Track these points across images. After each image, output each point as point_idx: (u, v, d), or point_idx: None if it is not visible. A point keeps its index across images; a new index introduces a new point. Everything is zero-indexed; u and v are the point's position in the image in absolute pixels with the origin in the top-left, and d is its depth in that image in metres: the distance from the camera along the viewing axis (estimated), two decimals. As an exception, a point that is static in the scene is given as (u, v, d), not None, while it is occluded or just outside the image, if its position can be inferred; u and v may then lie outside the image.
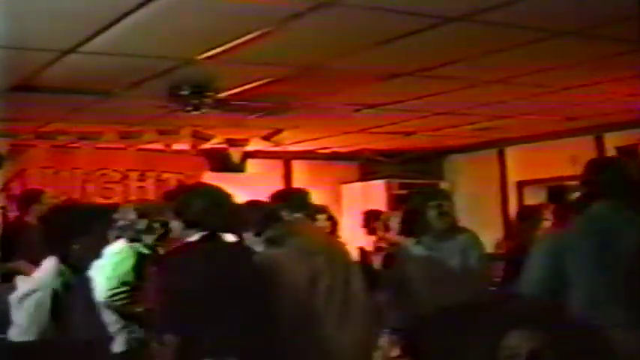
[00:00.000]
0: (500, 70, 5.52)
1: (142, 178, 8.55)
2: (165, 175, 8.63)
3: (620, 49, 4.96)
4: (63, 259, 3.70)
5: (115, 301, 4.45)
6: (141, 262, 4.59)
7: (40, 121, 7.19)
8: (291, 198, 4.72)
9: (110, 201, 8.08)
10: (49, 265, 3.72)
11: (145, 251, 4.63)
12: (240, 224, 3.94)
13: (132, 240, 4.67)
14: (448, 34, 4.38)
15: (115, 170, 8.41)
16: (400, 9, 3.97)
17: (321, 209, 6.00)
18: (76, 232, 3.74)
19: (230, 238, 3.93)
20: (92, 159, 8.25)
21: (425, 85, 5.87)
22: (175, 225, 3.72)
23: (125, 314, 4.47)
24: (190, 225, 3.63)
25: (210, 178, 8.71)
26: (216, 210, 3.66)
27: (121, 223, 4.64)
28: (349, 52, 4.82)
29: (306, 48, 4.74)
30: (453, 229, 4.91)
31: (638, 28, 4.27)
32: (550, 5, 4.01)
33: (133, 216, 4.70)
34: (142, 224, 4.69)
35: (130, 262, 4.59)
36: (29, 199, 6.48)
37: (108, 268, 4.47)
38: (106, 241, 4.30)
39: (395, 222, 6.58)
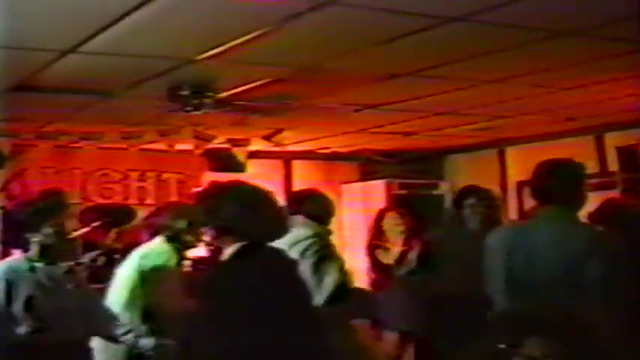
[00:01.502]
0: (500, 70, 5.52)
1: (142, 178, 8.55)
2: (165, 175, 8.63)
3: (620, 49, 4.96)
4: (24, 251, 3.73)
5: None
6: (179, 263, 4.75)
7: (40, 121, 7.19)
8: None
9: (110, 201, 8.10)
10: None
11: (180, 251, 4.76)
12: (282, 231, 3.46)
13: (169, 239, 4.76)
14: (448, 34, 4.38)
15: (115, 170, 8.41)
16: (400, 9, 3.97)
17: None
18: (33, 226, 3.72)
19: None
20: (92, 159, 8.24)
21: (425, 85, 5.87)
22: (207, 231, 3.28)
23: (150, 313, 4.47)
24: (224, 232, 3.18)
25: (210, 178, 8.74)
26: (253, 215, 3.19)
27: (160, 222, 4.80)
28: (349, 52, 4.82)
29: (306, 48, 4.74)
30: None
31: (638, 28, 4.27)
32: (550, 5, 4.00)
33: (173, 217, 4.83)
34: (182, 224, 4.79)
35: (173, 262, 4.66)
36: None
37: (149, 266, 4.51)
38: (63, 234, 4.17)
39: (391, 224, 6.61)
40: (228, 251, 3.17)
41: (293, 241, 4.31)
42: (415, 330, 5.99)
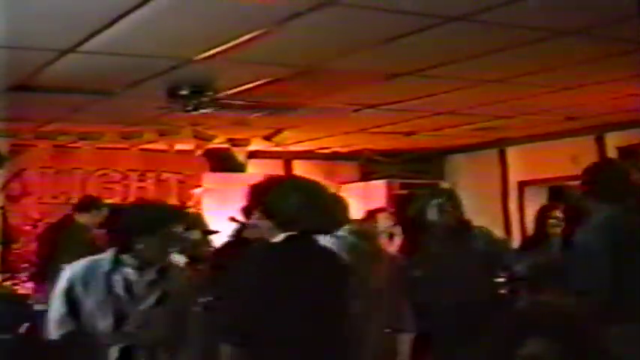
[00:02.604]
0: (500, 70, 5.52)
1: (142, 178, 8.56)
2: (165, 175, 8.64)
3: (620, 49, 4.96)
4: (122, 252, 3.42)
5: None
6: None
7: (40, 121, 7.19)
8: None
9: (110, 201, 8.09)
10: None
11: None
12: (335, 224, 3.59)
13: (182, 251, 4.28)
14: (448, 34, 4.38)
15: (115, 170, 8.41)
16: (400, 9, 3.97)
17: None
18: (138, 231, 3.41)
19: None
20: (92, 159, 8.25)
21: (425, 85, 5.87)
22: (265, 225, 3.19)
23: None
24: (284, 225, 3.14)
25: (210, 178, 8.75)
26: (313, 208, 3.16)
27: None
28: (349, 52, 4.82)
29: (306, 48, 4.74)
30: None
31: (638, 28, 4.27)
32: (550, 5, 4.00)
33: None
34: (196, 234, 4.54)
35: None
36: (91, 204, 6.67)
37: None
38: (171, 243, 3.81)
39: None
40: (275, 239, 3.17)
41: None
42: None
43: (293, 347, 3.03)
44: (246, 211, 4.13)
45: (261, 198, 3.26)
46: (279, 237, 3.14)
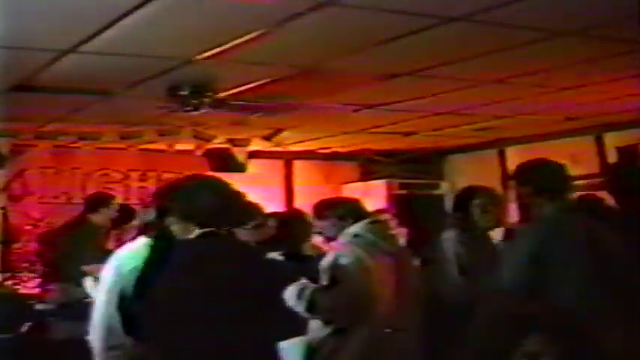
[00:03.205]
0: (500, 70, 5.52)
1: (143, 178, 8.55)
2: (166, 175, 8.62)
3: (620, 49, 4.96)
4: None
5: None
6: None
7: (40, 121, 7.19)
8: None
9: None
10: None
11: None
12: (240, 219, 3.67)
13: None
14: (448, 34, 4.38)
15: (115, 170, 8.41)
16: (400, 9, 3.97)
17: None
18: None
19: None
20: (93, 159, 8.25)
21: (425, 85, 5.87)
22: (171, 222, 3.33)
23: None
24: (186, 220, 3.26)
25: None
26: (218, 204, 3.27)
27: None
28: (349, 52, 4.82)
29: (306, 48, 4.74)
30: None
31: (638, 28, 4.27)
32: (550, 5, 4.01)
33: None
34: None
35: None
36: (99, 202, 6.59)
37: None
38: None
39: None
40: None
41: None
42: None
43: (209, 342, 3.04)
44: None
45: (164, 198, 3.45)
46: (194, 233, 3.23)
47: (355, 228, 4.14)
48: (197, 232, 3.24)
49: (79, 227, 6.48)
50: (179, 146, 8.44)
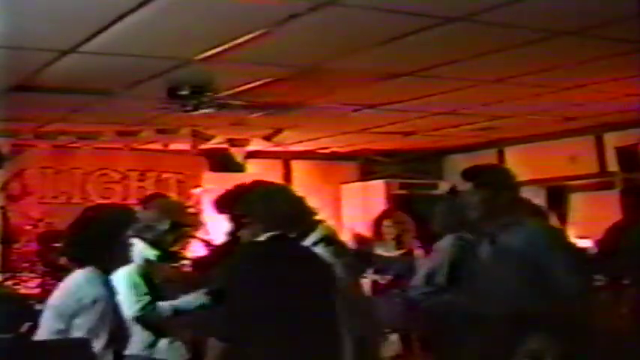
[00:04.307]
0: (500, 70, 5.52)
1: (142, 178, 8.55)
2: (165, 175, 8.64)
3: (620, 49, 4.96)
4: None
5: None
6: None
7: (40, 121, 7.19)
8: None
9: (110, 201, 8.09)
10: None
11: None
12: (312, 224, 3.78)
13: (152, 243, 4.05)
14: (448, 34, 4.38)
15: (114, 170, 8.41)
16: (400, 9, 3.98)
17: None
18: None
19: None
20: (92, 159, 8.25)
21: (425, 85, 5.87)
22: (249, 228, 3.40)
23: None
24: (265, 226, 3.33)
25: (210, 178, 8.74)
26: (295, 210, 3.47)
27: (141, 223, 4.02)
28: (349, 52, 4.82)
29: (306, 48, 4.74)
30: None
31: (638, 28, 4.28)
32: (550, 5, 4.01)
33: (154, 215, 4.12)
34: (165, 224, 4.11)
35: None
36: None
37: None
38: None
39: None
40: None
41: None
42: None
43: (283, 343, 3.10)
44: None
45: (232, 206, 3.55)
46: (263, 237, 3.31)
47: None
48: (267, 235, 3.33)
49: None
50: (178, 146, 8.44)
